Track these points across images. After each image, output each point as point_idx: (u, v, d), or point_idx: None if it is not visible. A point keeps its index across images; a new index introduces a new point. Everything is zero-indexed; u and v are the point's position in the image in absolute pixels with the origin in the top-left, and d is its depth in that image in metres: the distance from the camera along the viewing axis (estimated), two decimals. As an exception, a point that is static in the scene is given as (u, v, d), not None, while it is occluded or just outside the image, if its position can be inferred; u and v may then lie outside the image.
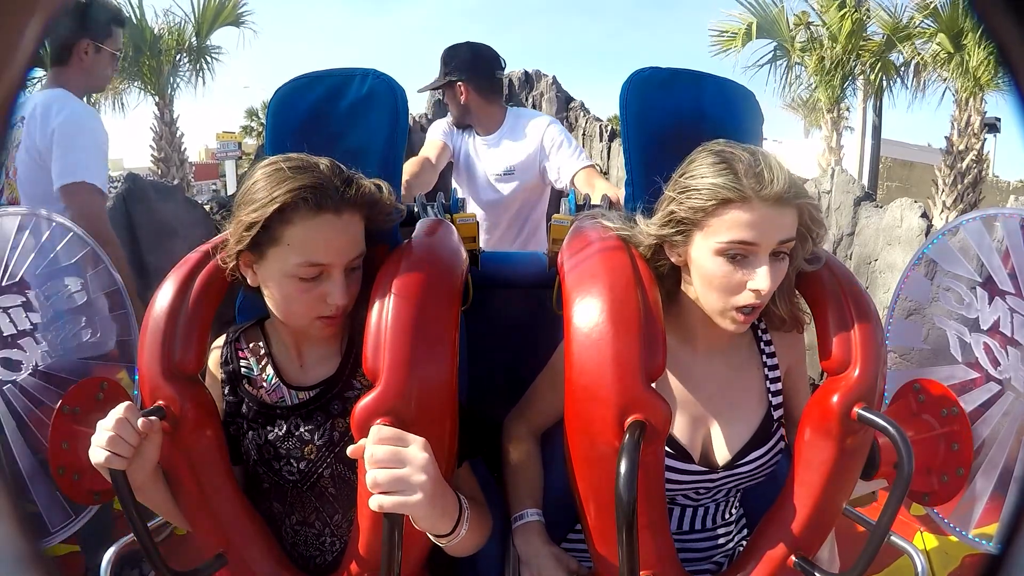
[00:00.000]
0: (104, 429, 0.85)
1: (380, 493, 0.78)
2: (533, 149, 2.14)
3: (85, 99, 1.98)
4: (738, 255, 0.91)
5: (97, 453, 0.85)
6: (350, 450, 0.83)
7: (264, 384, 1.04)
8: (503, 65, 2.22)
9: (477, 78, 2.15)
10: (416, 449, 0.80)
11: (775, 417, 1.06)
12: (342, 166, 0.98)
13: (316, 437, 1.01)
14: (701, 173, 0.93)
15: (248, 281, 0.99)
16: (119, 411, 0.86)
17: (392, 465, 0.79)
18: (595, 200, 1.45)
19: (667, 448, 0.99)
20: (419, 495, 0.78)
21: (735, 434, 1.04)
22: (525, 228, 2.24)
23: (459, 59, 2.15)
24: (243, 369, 1.06)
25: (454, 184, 2.37)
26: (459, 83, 2.14)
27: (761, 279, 0.90)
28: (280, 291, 0.95)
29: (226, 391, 1.06)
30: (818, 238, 0.98)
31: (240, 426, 1.04)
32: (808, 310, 1.05)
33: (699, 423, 1.04)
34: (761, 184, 0.88)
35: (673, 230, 0.95)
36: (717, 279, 0.93)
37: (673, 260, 0.99)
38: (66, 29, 1.91)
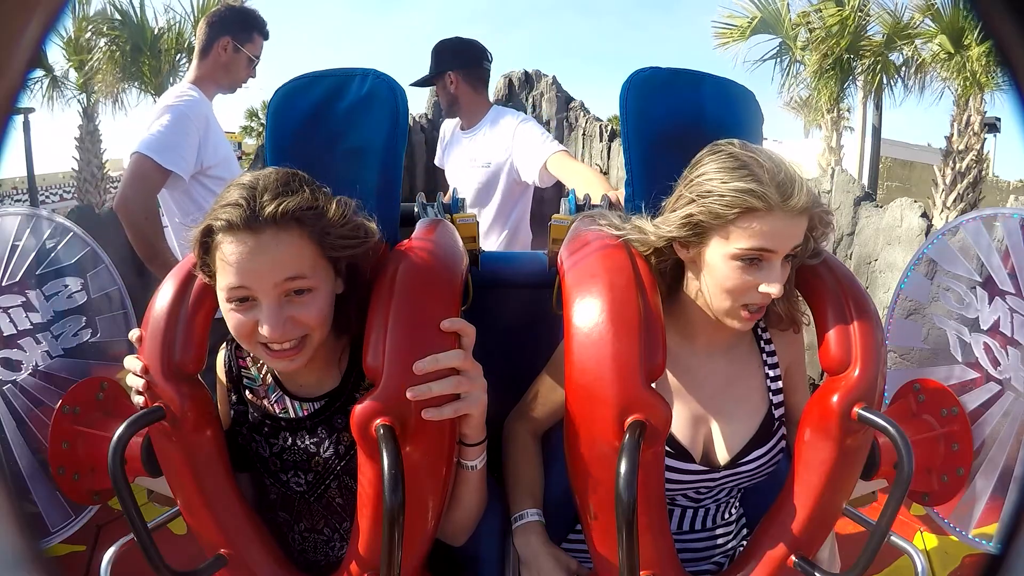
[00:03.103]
0: None
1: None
2: (507, 143, 2.18)
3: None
4: (753, 260, 0.92)
5: None
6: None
7: (267, 394, 1.03)
8: (490, 58, 2.30)
9: (467, 68, 2.23)
10: (462, 359, 0.86)
11: (776, 416, 1.06)
12: (297, 177, 0.91)
13: (322, 449, 1.00)
14: (722, 177, 0.92)
15: None
16: None
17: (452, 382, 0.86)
18: (579, 195, 1.45)
19: (667, 448, 0.99)
20: (482, 393, 0.88)
21: (736, 433, 1.04)
22: (507, 225, 2.25)
23: (449, 51, 2.24)
24: (245, 379, 1.05)
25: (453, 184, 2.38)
26: (449, 73, 2.22)
27: (775, 285, 0.91)
28: (225, 316, 0.91)
29: (233, 398, 1.05)
30: (821, 237, 0.99)
31: (246, 435, 1.03)
32: (808, 310, 1.05)
33: (700, 422, 1.04)
34: (784, 195, 0.89)
35: (689, 232, 0.95)
36: (730, 282, 0.93)
37: (683, 257, 0.99)
38: (213, 27, 2.05)
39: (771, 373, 1.07)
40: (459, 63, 2.21)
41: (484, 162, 2.22)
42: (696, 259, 0.97)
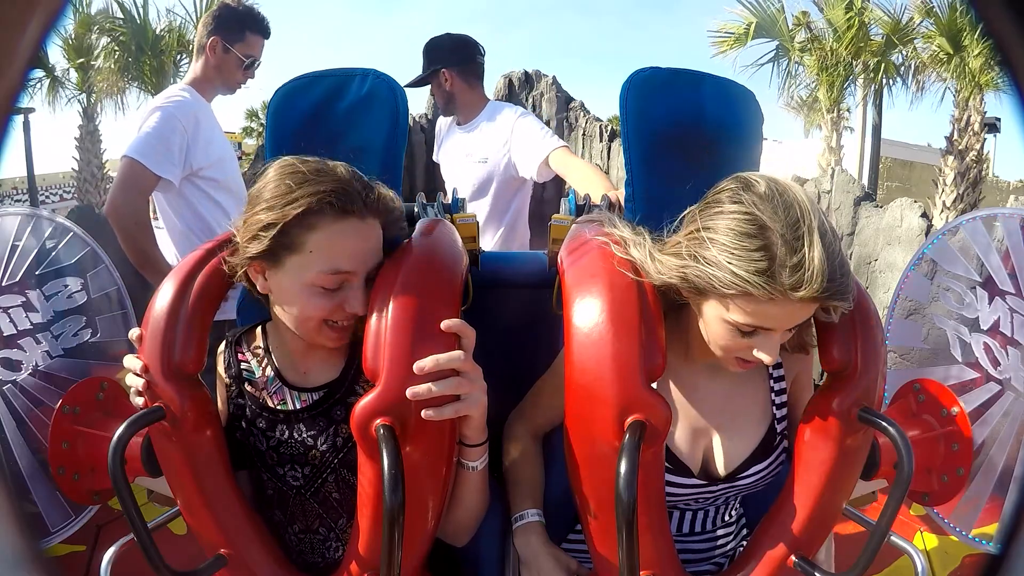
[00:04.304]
0: None
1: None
2: (505, 137, 2.17)
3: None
4: (749, 332, 0.87)
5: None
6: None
7: (265, 386, 1.04)
8: (482, 51, 2.28)
9: (460, 64, 2.21)
10: (462, 360, 0.86)
11: (778, 431, 1.05)
12: (359, 172, 0.96)
13: (320, 442, 1.00)
14: (730, 246, 0.82)
15: (258, 287, 0.97)
16: None
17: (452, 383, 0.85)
18: (579, 194, 1.45)
19: (666, 463, 0.99)
20: (482, 395, 0.88)
21: (737, 448, 1.03)
22: (504, 222, 2.25)
23: (441, 48, 2.22)
24: (244, 372, 1.05)
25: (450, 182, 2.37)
26: (443, 71, 2.20)
27: (767, 356, 0.87)
28: (297, 300, 0.93)
29: (233, 395, 1.05)
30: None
31: (244, 430, 1.04)
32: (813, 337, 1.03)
33: (700, 436, 1.03)
34: (796, 284, 0.78)
35: (687, 285, 0.89)
36: (724, 341, 0.90)
37: (684, 295, 0.94)
38: (206, 28, 2.03)
39: (776, 387, 1.06)
40: (452, 60, 2.20)
41: (480, 157, 2.21)
42: (694, 306, 0.93)
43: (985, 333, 1.94)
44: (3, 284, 1.87)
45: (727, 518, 1.14)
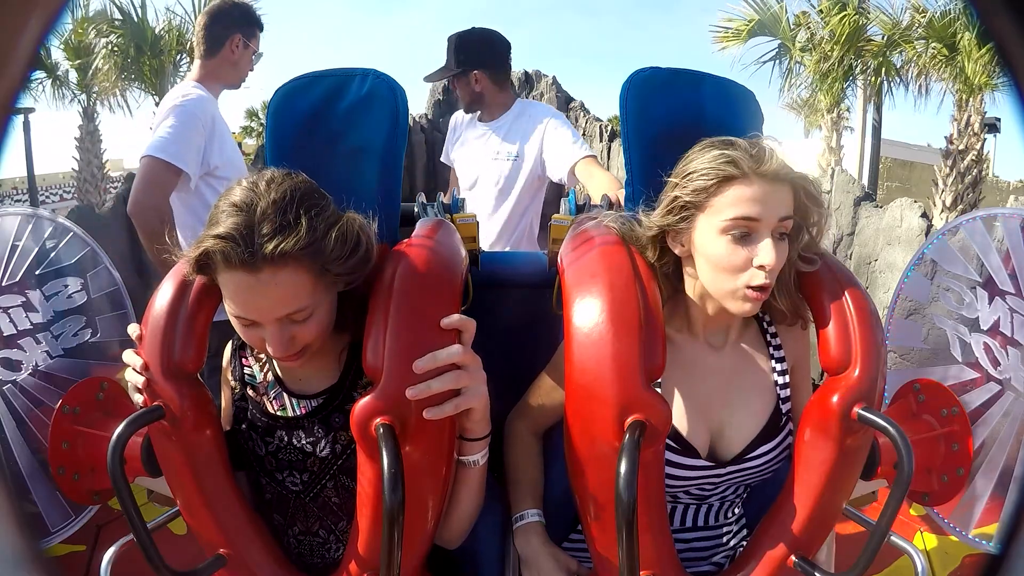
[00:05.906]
0: None
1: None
2: (539, 136, 2.14)
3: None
4: (742, 233, 0.92)
5: None
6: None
7: (266, 391, 1.04)
8: (510, 48, 2.24)
9: (493, 66, 2.17)
10: (461, 354, 0.86)
11: (784, 411, 1.05)
12: (296, 197, 0.86)
13: (318, 449, 1.00)
14: (699, 156, 0.97)
15: None
16: None
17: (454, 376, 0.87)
18: (595, 199, 1.45)
19: (672, 443, 0.99)
20: (482, 386, 0.89)
21: (743, 428, 1.03)
22: (521, 223, 2.23)
23: (473, 47, 2.15)
24: (247, 376, 1.05)
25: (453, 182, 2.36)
26: (474, 73, 2.15)
27: (766, 254, 0.91)
28: (232, 323, 0.93)
29: (236, 398, 1.05)
30: (817, 222, 0.99)
31: (244, 433, 1.03)
32: (809, 310, 1.05)
33: (705, 416, 1.03)
34: (758, 161, 0.92)
35: (677, 217, 0.97)
36: (724, 259, 0.93)
37: (677, 251, 0.99)
38: (221, 25, 2.05)
39: (778, 367, 1.07)
40: (487, 63, 2.15)
41: (508, 154, 2.17)
42: (689, 248, 0.98)
43: (985, 333, 1.94)
44: (3, 284, 1.87)
45: (729, 515, 1.14)
